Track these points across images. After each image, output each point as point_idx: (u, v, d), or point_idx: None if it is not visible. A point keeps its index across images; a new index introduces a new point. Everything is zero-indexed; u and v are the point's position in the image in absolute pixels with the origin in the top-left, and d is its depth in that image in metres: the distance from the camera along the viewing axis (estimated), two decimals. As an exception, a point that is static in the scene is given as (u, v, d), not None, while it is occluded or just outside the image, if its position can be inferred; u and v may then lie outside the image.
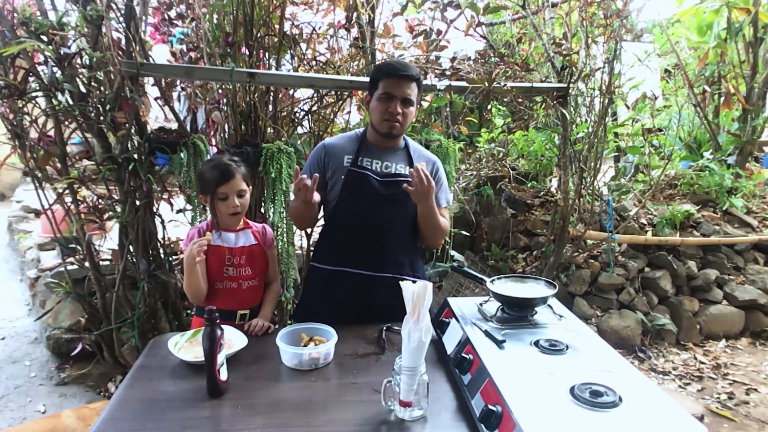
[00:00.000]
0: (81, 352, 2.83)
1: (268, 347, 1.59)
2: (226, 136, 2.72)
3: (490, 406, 1.14)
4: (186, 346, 1.56)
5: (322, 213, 1.97)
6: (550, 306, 1.64)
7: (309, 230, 2.81)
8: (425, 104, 3.23)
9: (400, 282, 1.28)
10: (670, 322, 3.53)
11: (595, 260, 3.78)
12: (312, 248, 2.62)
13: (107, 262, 2.77)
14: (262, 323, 1.74)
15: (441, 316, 1.68)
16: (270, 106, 2.70)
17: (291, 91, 2.88)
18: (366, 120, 2.76)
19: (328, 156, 1.89)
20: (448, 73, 2.94)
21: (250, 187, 1.82)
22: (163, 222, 2.59)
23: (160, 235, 2.57)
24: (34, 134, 2.43)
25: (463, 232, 3.51)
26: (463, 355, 1.39)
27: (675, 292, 3.72)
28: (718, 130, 4.86)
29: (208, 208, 1.84)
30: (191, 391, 1.37)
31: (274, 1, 2.67)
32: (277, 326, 1.76)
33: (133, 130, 2.34)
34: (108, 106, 2.29)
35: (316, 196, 1.69)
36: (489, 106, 4.04)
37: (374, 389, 1.34)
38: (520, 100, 3.04)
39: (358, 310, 1.83)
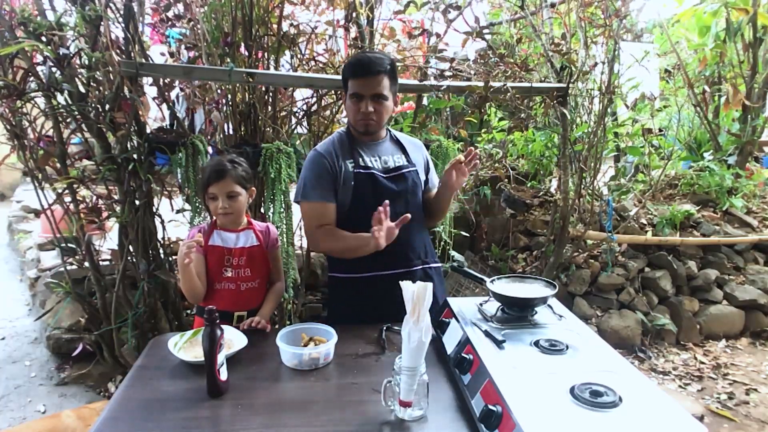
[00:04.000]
0: (81, 352, 2.83)
1: (268, 347, 1.58)
2: (225, 137, 2.72)
3: (490, 406, 1.13)
4: (186, 346, 1.56)
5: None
6: (550, 306, 1.64)
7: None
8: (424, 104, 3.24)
9: (400, 282, 1.28)
10: (670, 322, 3.53)
11: (595, 260, 3.78)
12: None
13: (107, 262, 2.77)
14: (258, 319, 1.71)
15: (441, 316, 1.68)
16: (269, 107, 2.70)
17: (290, 91, 2.88)
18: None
19: (333, 165, 1.81)
20: (447, 74, 2.94)
21: (251, 190, 1.80)
22: (162, 222, 2.59)
23: (159, 235, 2.57)
24: (33, 134, 2.43)
25: (463, 233, 3.51)
26: (463, 355, 1.39)
27: (675, 292, 3.71)
28: (718, 130, 4.86)
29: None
30: (191, 391, 1.36)
31: (273, 1, 2.67)
32: (277, 326, 1.76)
33: (132, 130, 2.34)
34: (107, 107, 2.29)
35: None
36: (487, 107, 4.04)
37: (374, 389, 1.34)
38: (519, 100, 3.04)
39: (393, 310, 1.72)
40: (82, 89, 2.29)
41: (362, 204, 1.79)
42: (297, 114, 2.92)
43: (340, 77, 1.87)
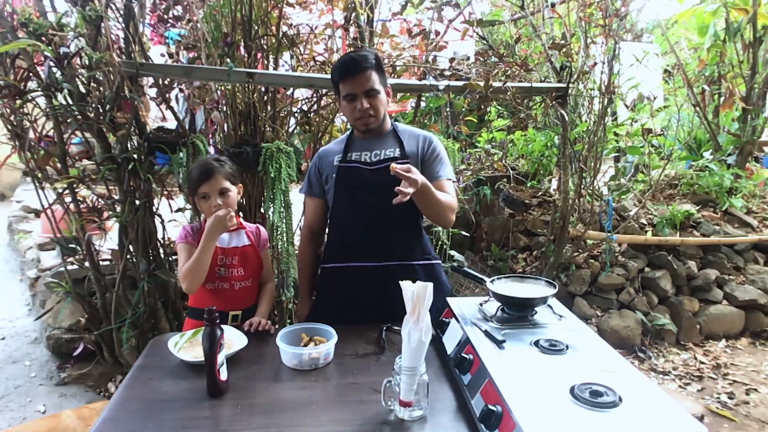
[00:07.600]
0: (81, 352, 2.83)
1: (268, 347, 1.58)
2: (225, 136, 2.72)
3: (490, 406, 1.13)
4: (186, 346, 1.56)
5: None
6: (550, 306, 1.64)
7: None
8: (422, 104, 3.24)
9: (400, 282, 1.27)
10: (670, 322, 3.53)
11: (595, 260, 3.78)
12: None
13: (107, 262, 2.77)
14: (264, 321, 1.73)
15: (441, 316, 1.68)
16: (269, 106, 2.70)
17: (290, 91, 2.88)
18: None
19: (321, 162, 1.91)
20: (447, 73, 2.94)
21: (239, 186, 1.81)
22: (162, 222, 2.59)
23: (159, 235, 2.57)
24: (34, 134, 2.43)
25: (463, 233, 3.51)
26: (463, 355, 1.39)
27: (675, 292, 3.71)
28: (718, 130, 4.86)
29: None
30: (191, 391, 1.37)
31: (272, 2, 2.67)
32: (276, 326, 1.76)
33: (132, 130, 2.34)
34: (107, 106, 2.29)
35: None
36: (488, 108, 4.05)
37: (374, 389, 1.34)
38: (519, 100, 3.04)
39: (372, 304, 1.79)
40: (82, 89, 2.29)
41: (344, 196, 1.84)
42: (296, 114, 2.92)
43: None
